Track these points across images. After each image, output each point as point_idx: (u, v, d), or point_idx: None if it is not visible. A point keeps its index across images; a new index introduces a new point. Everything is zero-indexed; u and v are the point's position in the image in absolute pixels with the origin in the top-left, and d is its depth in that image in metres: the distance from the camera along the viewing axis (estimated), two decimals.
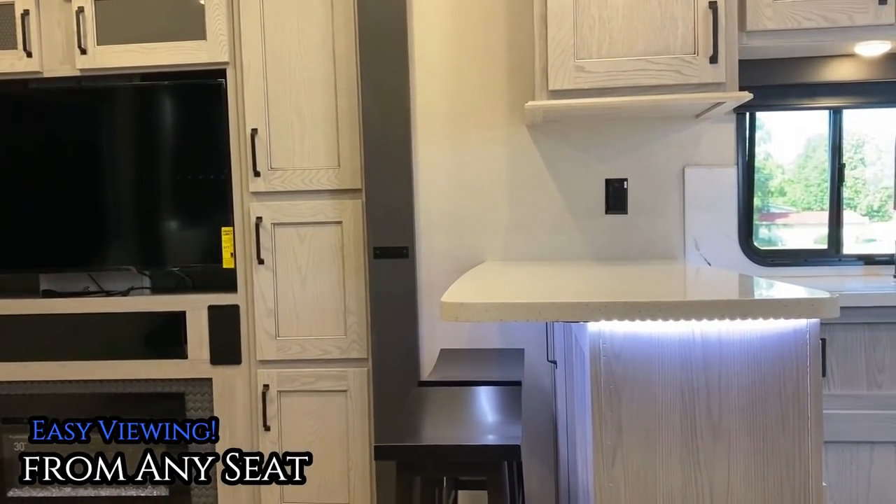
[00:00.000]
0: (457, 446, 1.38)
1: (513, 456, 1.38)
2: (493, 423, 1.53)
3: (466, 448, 1.38)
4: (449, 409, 1.65)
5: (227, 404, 2.68)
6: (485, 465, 1.41)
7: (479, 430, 1.48)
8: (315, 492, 2.64)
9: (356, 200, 2.58)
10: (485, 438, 1.42)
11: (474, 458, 1.38)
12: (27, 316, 2.71)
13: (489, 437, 1.43)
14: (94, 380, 2.72)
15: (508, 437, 1.43)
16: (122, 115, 2.66)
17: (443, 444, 1.39)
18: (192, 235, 2.68)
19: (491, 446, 1.38)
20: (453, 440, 1.41)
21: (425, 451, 1.39)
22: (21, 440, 2.77)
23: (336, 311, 2.61)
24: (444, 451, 1.39)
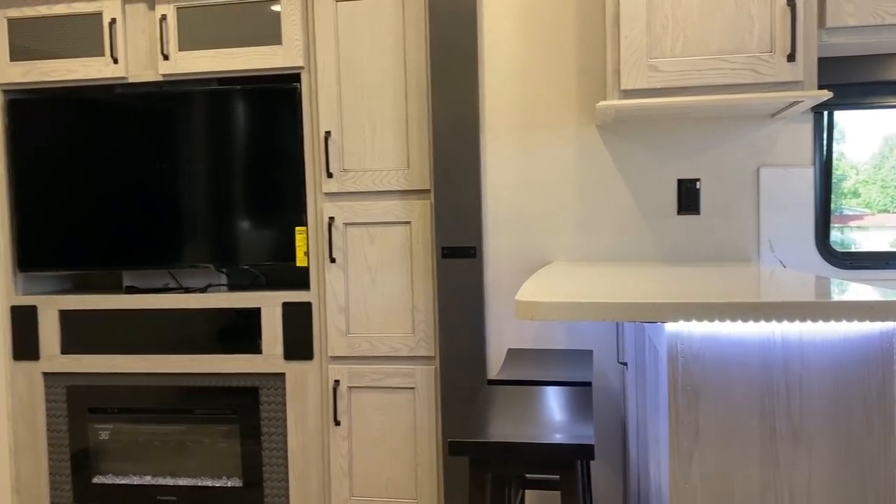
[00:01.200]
0: (531, 444, 1.39)
1: (586, 455, 1.39)
2: (565, 423, 1.54)
3: (540, 446, 1.39)
4: (520, 408, 1.67)
5: (299, 399, 2.75)
6: (558, 464, 1.42)
7: (552, 429, 1.49)
8: (383, 487, 2.69)
9: (425, 201, 2.62)
10: (558, 437, 1.43)
11: (548, 456, 1.39)
12: (112, 311, 2.84)
13: (562, 436, 1.44)
14: (173, 373, 2.83)
15: (581, 437, 1.43)
16: (200, 118, 2.77)
17: (517, 441, 1.41)
18: (267, 235, 2.77)
19: (565, 445, 1.39)
20: (527, 438, 1.43)
21: (499, 448, 1.40)
22: (106, 429, 2.91)
23: (404, 310, 2.65)
24: (518, 448, 1.40)
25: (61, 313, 2.87)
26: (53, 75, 2.81)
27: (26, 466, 2.93)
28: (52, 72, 2.81)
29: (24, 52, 2.82)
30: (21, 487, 2.94)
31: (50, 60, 2.81)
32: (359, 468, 2.70)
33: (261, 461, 2.80)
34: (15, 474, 2.93)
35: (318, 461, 2.75)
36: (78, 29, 2.78)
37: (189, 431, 2.87)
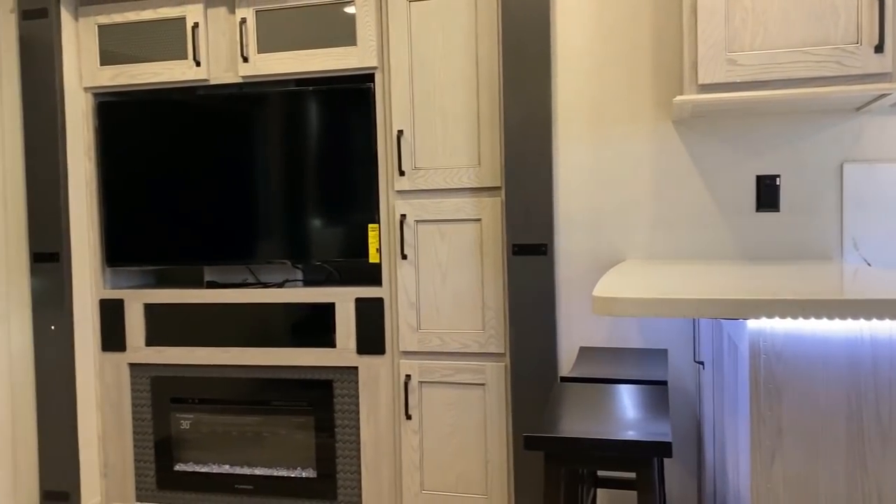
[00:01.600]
0: (608, 440, 1.39)
1: (664, 452, 1.38)
2: (641, 421, 1.53)
3: (618, 442, 1.39)
4: (594, 405, 1.66)
5: (371, 392, 2.80)
6: (635, 461, 1.42)
7: (628, 426, 1.48)
8: (454, 482, 2.71)
9: (495, 198, 2.63)
10: (635, 434, 1.42)
11: (625, 452, 1.39)
12: (193, 305, 2.95)
13: (639, 433, 1.43)
14: (251, 365, 2.93)
15: (658, 434, 1.42)
16: (277, 118, 2.85)
17: (593, 437, 1.41)
18: (340, 232, 2.83)
19: (643, 441, 1.38)
20: (603, 434, 1.43)
21: (575, 444, 1.41)
22: (187, 419, 3.02)
23: (475, 307, 2.67)
24: (595, 444, 1.40)
25: (146, 307, 3.00)
26: (140, 78, 2.93)
27: (113, 453, 3.07)
28: (139, 75, 2.93)
29: (113, 57, 2.96)
30: (109, 473, 3.08)
31: (137, 64, 2.94)
32: (429, 462, 2.73)
33: (334, 453, 2.86)
34: (103, 460, 3.08)
35: (389, 454, 2.79)
36: (163, 33, 2.90)
37: (266, 422, 2.96)
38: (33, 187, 2.93)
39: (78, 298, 2.97)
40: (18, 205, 2.99)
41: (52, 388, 2.95)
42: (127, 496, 3.07)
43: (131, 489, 3.07)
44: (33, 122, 2.92)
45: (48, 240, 2.92)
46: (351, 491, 2.85)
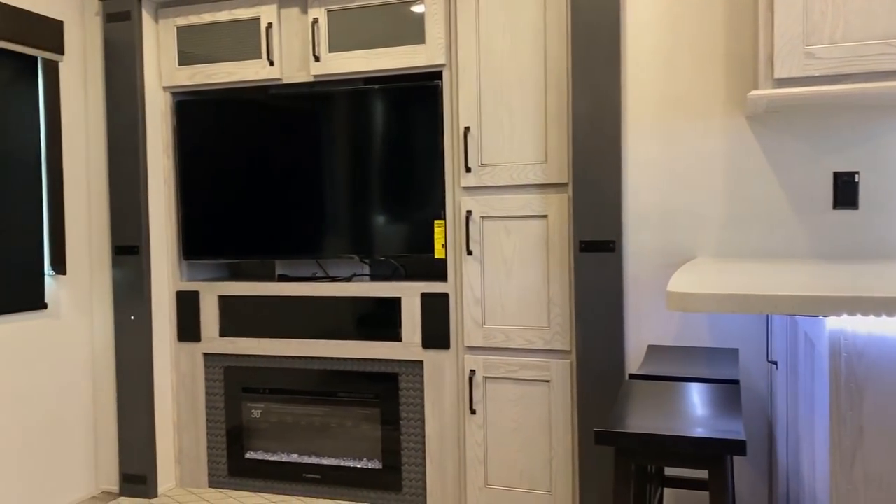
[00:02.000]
0: (680, 436, 1.38)
1: (737, 450, 1.36)
2: (712, 419, 1.51)
3: (690, 439, 1.38)
4: (665, 402, 1.65)
5: (436, 386, 2.84)
6: (708, 459, 1.40)
7: (699, 424, 1.47)
8: (517, 477, 2.72)
9: (562, 195, 2.63)
10: (708, 431, 1.41)
11: (697, 449, 1.38)
12: (265, 297, 3.04)
13: (712, 430, 1.42)
14: (319, 356, 3.00)
15: (731, 432, 1.41)
16: (346, 116, 2.91)
17: (665, 433, 1.40)
18: (407, 228, 2.87)
19: (716, 439, 1.36)
20: (675, 430, 1.42)
21: (647, 440, 1.40)
22: (258, 408, 3.12)
23: (540, 303, 2.67)
24: (667, 440, 1.39)
25: (220, 298, 3.10)
26: (215, 78, 3.03)
27: (187, 440, 3.18)
28: (214, 74, 3.03)
29: (190, 57, 3.07)
30: (182, 459, 3.20)
31: (213, 64, 3.04)
32: (493, 457, 2.75)
33: (399, 445, 2.91)
34: (178, 447, 3.20)
35: (453, 448, 2.82)
36: (238, 34, 2.99)
37: (333, 413, 3.02)
38: (115, 183, 3.06)
39: (156, 290, 3.10)
40: (102, 200, 3.13)
41: (131, 376, 3.08)
42: (200, 482, 3.18)
43: (204, 475, 3.18)
44: (116, 120, 3.05)
45: (129, 233, 3.05)
46: (415, 483, 2.89)
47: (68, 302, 3.05)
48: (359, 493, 2.98)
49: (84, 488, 3.13)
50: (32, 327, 2.88)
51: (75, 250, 3.08)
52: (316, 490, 3.04)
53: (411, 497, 2.90)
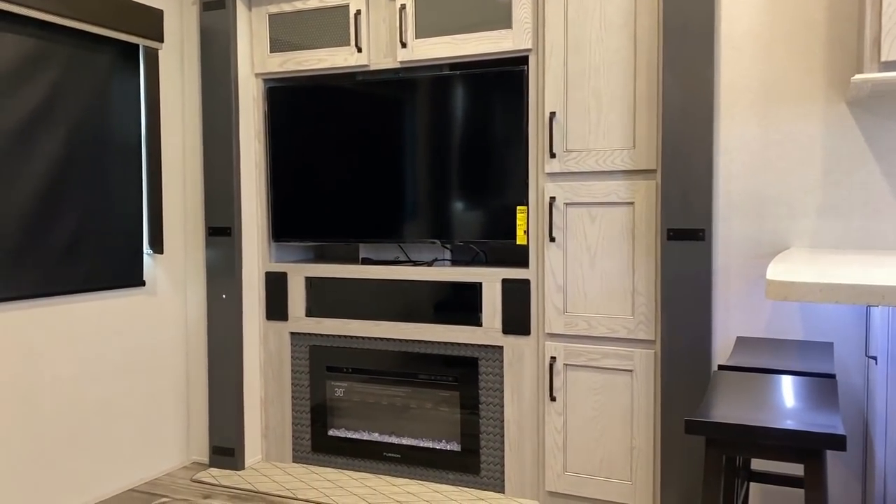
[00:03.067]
0: (776, 429, 1.35)
1: (837, 445, 1.32)
2: (809, 412, 1.47)
3: (787, 432, 1.35)
4: (757, 394, 1.61)
5: (515, 372, 2.84)
6: (805, 453, 1.36)
7: (795, 417, 1.43)
8: (597, 465, 2.71)
9: (650, 181, 2.58)
10: (805, 425, 1.37)
11: (794, 442, 1.34)
12: (349, 279, 3.11)
13: (809, 424, 1.38)
14: (401, 339, 3.05)
15: (830, 427, 1.36)
16: (430, 102, 2.93)
17: (760, 424, 1.37)
18: (489, 213, 2.88)
19: (815, 433, 1.33)
20: (770, 422, 1.38)
21: (741, 431, 1.37)
22: (341, 387, 3.20)
23: (624, 292, 2.64)
24: (762, 432, 1.36)
25: (307, 280, 3.19)
26: (306, 64, 3.11)
27: (274, 416, 3.30)
28: (305, 61, 3.11)
29: (281, 44, 3.15)
30: (269, 433, 3.32)
31: (303, 51, 3.11)
32: (573, 444, 2.74)
33: (478, 429, 2.93)
34: (265, 422, 3.32)
35: (532, 434, 2.83)
36: (327, 21, 3.06)
37: (413, 395, 3.08)
38: (210, 167, 3.18)
39: (247, 270, 3.21)
40: (196, 183, 3.26)
41: (221, 352, 3.21)
42: (284, 456, 3.29)
43: (288, 450, 3.29)
44: (211, 106, 3.16)
45: (222, 215, 3.17)
46: (494, 467, 2.91)
47: (164, 280, 3.20)
48: (437, 474, 3.02)
49: (177, 458, 3.28)
50: (132, 303, 3.03)
51: (172, 231, 3.22)
52: (396, 469, 3.10)
53: (489, 480, 2.93)
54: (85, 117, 2.79)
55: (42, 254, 2.64)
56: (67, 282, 2.74)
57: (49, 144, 2.66)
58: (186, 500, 2.91)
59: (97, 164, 2.84)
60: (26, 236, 2.59)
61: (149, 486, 3.05)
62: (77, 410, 2.81)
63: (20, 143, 2.56)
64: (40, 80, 2.63)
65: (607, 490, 2.69)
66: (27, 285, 2.59)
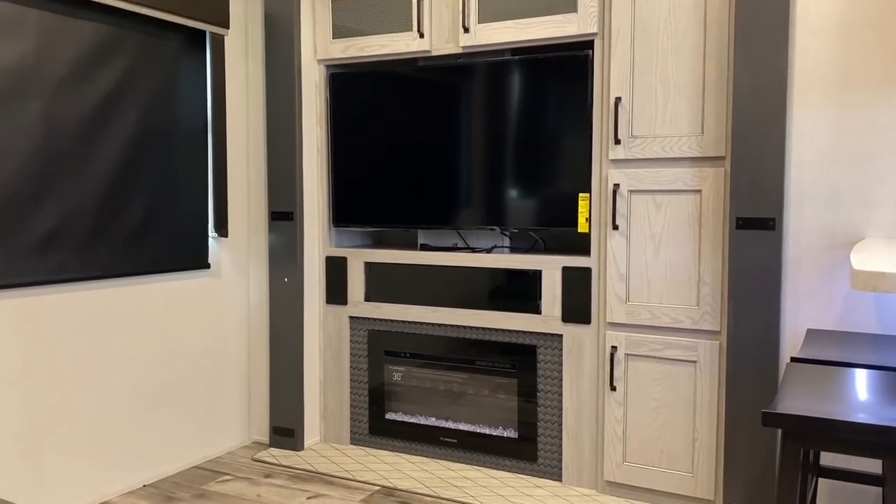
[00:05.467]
0: (858, 423, 1.31)
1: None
2: (888, 407, 1.42)
3: (869, 427, 1.30)
4: (834, 388, 1.57)
5: (575, 361, 2.82)
6: (886, 448, 1.32)
7: (875, 412, 1.38)
8: (657, 457, 2.67)
9: (718, 169, 2.52)
10: (887, 420, 1.32)
11: (876, 438, 1.30)
12: (408, 265, 3.12)
13: (890, 419, 1.33)
14: (459, 325, 3.05)
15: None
16: (491, 88, 2.91)
17: (840, 419, 1.33)
18: (549, 200, 2.85)
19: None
20: (850, 416, 1.34)
21: (820, 425, 1.34)
22: (398, 371, 3.22)
23: (689, 281, 2.59)
24: (841, 426, 1.32)
25: (366, 265, 3.21)
26: (368, 50, 3.12)
27: (332, 398, 3.35)
28: (367, 47, 3.12)
29: (343, 31, 3.17)
30: (327, 415, 3.37)
31: (365, 37, 3.12)
32: (633, 435, 2.71)
33: (536, 417, 2.92)
34: (323, 404, 3.37)
35: (591, 423, 2.80)
36: (390, 6, 3.06)
37: (470, 381, 3.08)
38: (273, 152, 3.22)
39: (308, 254, 3.25)
40: (260, 168, 3.31)
41: (282, 334, 3.26)
42: (342, 438, 3.34)
43: (346, 432, 3.33)
44: (274, 92, 3.20)
45: (284, 200, 3.21)
46: (551, 455, 2.90)
47: (228, 263, 3.26)
48: (494, 460, 3.03)
49: (238, 437, 3.36)
50: (197, 285, 3.10)
51: (236, 215, 3.28)
52: (452, 454, 3.11)
53: (546, 468, 2.92)
54: (154, 103, 2.86)
55: (113, 236, 2.72)
56: (136, 263, 2.82)
57: (120, 129, 2.73)
58: (248, 478, 2.98)
59: (165, 149, 2.91)
60: (98, 218, 2.67)
61: (212, 464, 3.13)
62: (144, 389, 2.89)
63: (94, 128, 2.64)
64: (112, 66, 2.70)
65: (667, 481, 2.66)
66: (99, 266, 2.67)
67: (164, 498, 2.78)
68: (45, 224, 2.50)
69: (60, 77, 2.53)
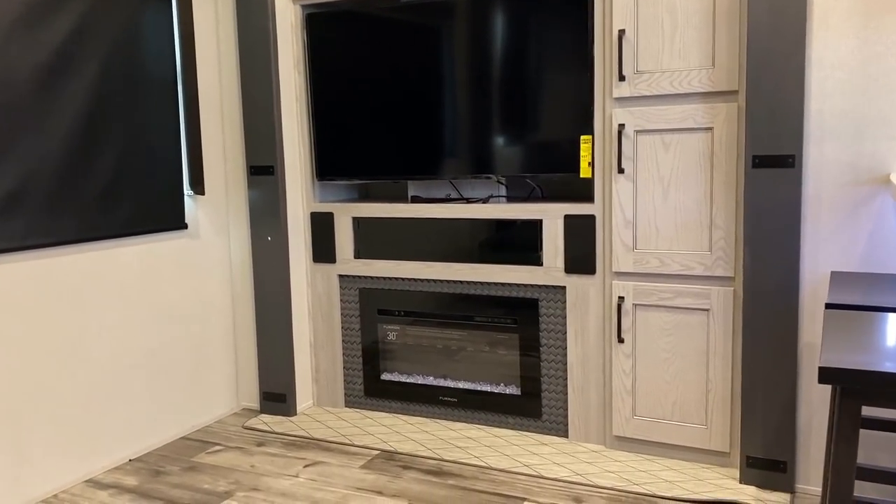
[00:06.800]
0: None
1: None
2: None
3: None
4: (883, 337, 1.43)
5: (579, 313, 2.69)
6: None
7: None
8: (669, 409, 2.56)
9: (731, 104, 2.35)
10: None
11: None
12: (399, 219, 2.94)
13: None
14: (455, 280, 2.89)
15: None
16: (484, 24, 2.70)
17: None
18: (548, 145, 2.67)
19: None
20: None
21: (886, 380, 1.20)
22: (393, 330, 3.07)
23: (700, 226, 2.45)
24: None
25: (354, 220, 3.03)
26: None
27: (324, 360, 3.19)
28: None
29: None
30: (320, 378, 3.22)
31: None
32: (642, 388, 2.60)
33: (539, 372, 2.80)
34: (315, 366, 3.22)
35: (598, 377, 2.68)
36: None
37: (469, 338, 2.94)
38: (248, 102, 3.00)
39: (291, 211, 3.06)
40: (235, 119, 3.09)
41: (268, 296, 3.09)
42: (336, 401, 3.20)
43: (340, 395, 3.19)
44: (247, 36, 2.96)
45: (263, 153, 3.00)
46: (556, 411, 2.79)
47: (206, 222, 3.06)
48: (496, 418, 2.91)
49: (226, 405, 3.21)
50: (174, 247, 2.90)
51: (212, 171, 3.07)
52: (452, 413, 2.99)
53: (551, 424, 2.81)
54: (117, 51, 2.61)
55: (81, 197, 2.51)
56: (108, 226, 2.61)
57: (81, 81, 2.49)
58: (240, 447, 2.84)
59: (132, 101, 2.68)
60: (62, 180, 2.45)
61: (200, 434, 2.99)
62: (125, 358, 2.72)
63: (51, 79, 2.40)
64: (69, 9, 2.45)
65: (679, 434, 2.55)
66: (67, 230, 2.47)
67: (152, 472, 2.63)
68: (2, 186, 2.28)
69: (11, 21, 2.28)
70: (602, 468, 2.54)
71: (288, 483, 2.52)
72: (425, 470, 2.59)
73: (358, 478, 2.54)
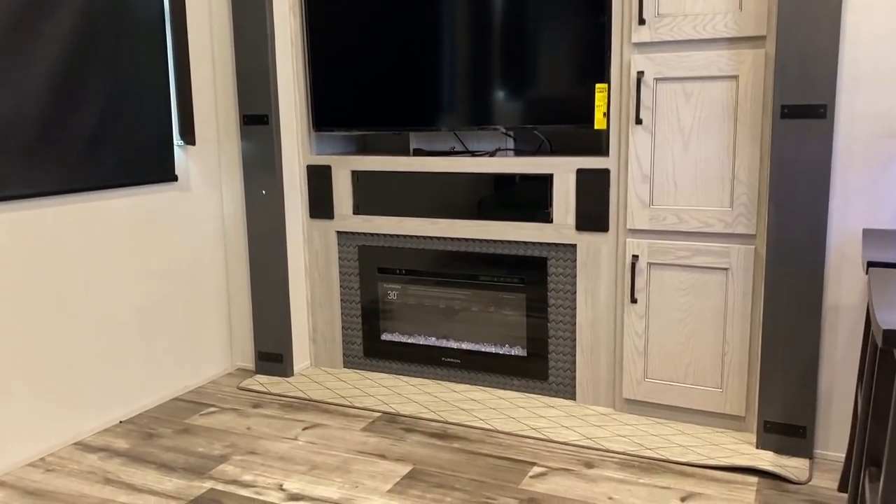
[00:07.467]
0: None
1: None
2: None
3: None
4: None
5: (590, 273, 2.57)
6: None
7: None
8: (683, 371, 2.47)
9: (758, 50, 2.21)
10: None
11: None
12: (400, 173, 2.80)
13: None
14: (460, 238, 2.77)
15: None
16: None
17: None
18: (560, 94, 2.52)
19: None
20: None
21: None
22: (394, 289, 2.95)
23: (722, 180, 2.32)
24: None
25: (353, 174, 2.88)
26: None
27: (322, 320, 3.08)
28: None
29: None
30: (317, 338, 3.11)
31: None
32: (655, 349, 2.50)
33: (546, 333, 2.69)
34: (312, 326, 3.10)
35: (608, 339, 2.58)
36: None
37: (474, 297, 2.83)
38: (241, 47, 2.82)
39: (286, 163, 2.91)
40: (228, 65, 2.91)
41: (263, 252, 2.95)
42: (335, 362, 3.09)
43: (339, 355, 3.08)
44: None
45: (257, 102, 2.84)
46: (563, 373, 2.69)
47: (197, 174, 2.91)
48: (500, 380, 2.81)
49: (220, 365, 3.09)
50: (164, 199, 2.76)
51: (203, 120, 2.91)
52: (455, 374, 2.89)
53: (558, 386, 2.71)
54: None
55: (63, 146, 2.35)
56: (92, 177, 2.46)
57: (61, 21, 2.31)
58: (236, 409, 2.73)
59: (117, 44, 2.50)
60: (43, 128, 2.29)
61: (194, 395, 2.87)
62: (113, 316, 2.59)
63: (28, 16, 2.22)
64: None
65: (694, 398, 2.46)
66: (49, 181, 2.31)
67: (144, 435, 2.52)
68: None
69: None
70: (612, 432, 2.45)
71: (286, 446, 2.42)
72: (429, 433, 2.49)
73: (359, 441, 2.45)
